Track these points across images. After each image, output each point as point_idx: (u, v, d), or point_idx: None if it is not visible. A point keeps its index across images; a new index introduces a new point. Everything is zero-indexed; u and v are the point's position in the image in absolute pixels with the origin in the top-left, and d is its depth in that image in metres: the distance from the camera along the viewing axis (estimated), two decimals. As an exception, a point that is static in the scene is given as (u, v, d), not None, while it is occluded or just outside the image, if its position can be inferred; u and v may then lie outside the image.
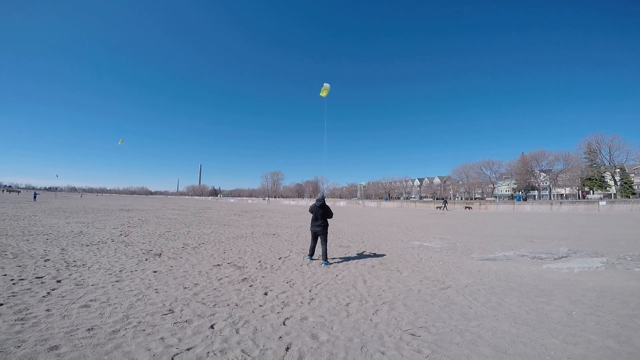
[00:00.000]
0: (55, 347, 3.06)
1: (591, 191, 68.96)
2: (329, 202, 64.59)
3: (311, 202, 12.16)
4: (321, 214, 7.70)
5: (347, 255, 8.68)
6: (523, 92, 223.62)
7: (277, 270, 6.89)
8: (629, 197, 55.88)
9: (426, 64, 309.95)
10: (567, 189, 75.06)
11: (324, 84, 12.87)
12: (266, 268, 7.02)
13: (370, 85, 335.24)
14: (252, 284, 5.74)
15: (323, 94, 13.18)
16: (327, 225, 7.84)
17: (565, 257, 8.40)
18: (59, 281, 5.39)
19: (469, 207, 47.90)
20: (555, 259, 8.06)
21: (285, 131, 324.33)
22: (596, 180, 65.43)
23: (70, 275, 5.81)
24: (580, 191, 71.53)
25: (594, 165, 65.86)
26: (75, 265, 6.55)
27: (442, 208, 46.02)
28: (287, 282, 5.90)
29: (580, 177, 66.47)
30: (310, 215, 7.84)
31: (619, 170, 63.50)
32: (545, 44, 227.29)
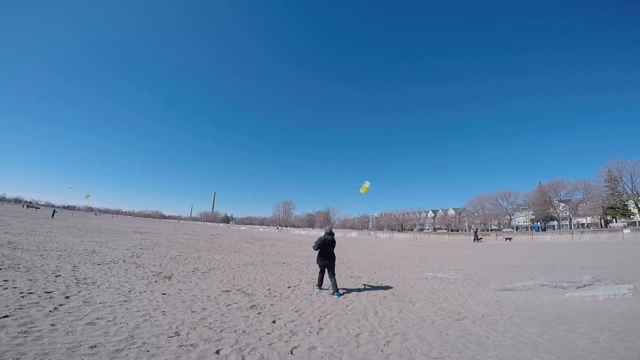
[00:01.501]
0: (56, 363, 2.99)
1: (614, 220, 65.96)
2: (340, 233, 64.25)
3: (322, 232, 11.97)
4: (332, 247, 7.60)
5: (358, 286, 8.42)
6: (538, 120, 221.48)
7: (286, 298, 6.72)
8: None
9: (439, 90, 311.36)
10: (588, 218, 72.12)
11: (365, 183, 11.99)
12: (275, 296, 6.86)
13: (384, 112, 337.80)
14: (261, 311, 5.59)
15: (363, 191, 12.08)
16: (335, 257, 7.77)
17: (588, 285, 7.97)
18: (67, 297, 5.37)
19: (509, 239, 42.46)
20: (578, 287, 7.65)
21: (298, 158, 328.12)
22: (619, 209, 62.67)
23: (79, 292, 5.80)
24: (602, 220, 68.48)
25: (616, 194, 63.28)
26: (85, 283, 6.54)
27: (476, 240, 42.39)
28: (296, 311, 5.73)
29: (602, 206, 63.84)
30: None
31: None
32: (560, 68, 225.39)
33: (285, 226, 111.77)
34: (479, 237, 43.92)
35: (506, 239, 41.53)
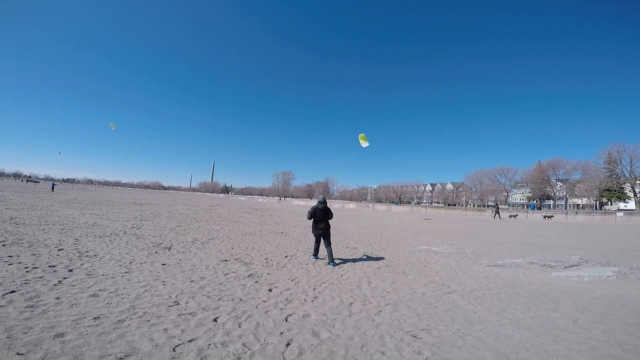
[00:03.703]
0: (61, 335, 3.15)
1: (609, 202, 66.80)
2: (339, 204, 64.74)
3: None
4: (324, 216, 7.70)
5: (354, 257, 8.66)
6: (542, 100, 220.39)
7: (282, 267, 6.93)
8: (649, 209, 53.93)
9: (444, 68, 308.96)
10: (584, 199, 72.88)
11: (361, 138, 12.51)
12: (272, 265, 7.07)
13: (385, 87, 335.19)
14: (258, 280, 5.80)
15: (363, 142, 12.66)
16: (330, 227, 7.86)
17: (576, 265, 8.20)
18: (70, 270, 5.54)
19: (550, 217, 37.87)
20: (565, 267, 7.88)
21: (298, 130, 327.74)
22: (615, 191, 63.32)
23: (82, 265, 5.97)
24: (597, 202, 69.35)
25: (614, 176, 63.74)
26: (87, 256, 6.72)
27: (496, 214, 39.42)
28: (292, 280, 5.94)
29: (599, 188, 64.45)
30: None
31: (639, 182, 61.37)
32: (567, 52, 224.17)
33: (285, 197, 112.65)
34: (511, 214, 41.66)
35: (545, 216, 38.67)
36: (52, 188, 49.93)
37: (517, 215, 41.51)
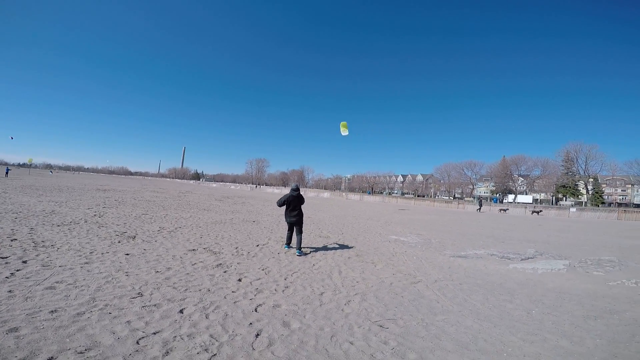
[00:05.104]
0: (15, 329, 2.96)
1: (564, 198, 71.63)
2: (313, 193, 64.88)
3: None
4: (297, 204, 7.69)
5: (326, 246, 8.75)
6: (509, 96, 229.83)
7: (253, 257, 6.88)
8: (598, 206, 58.44)
9: (416, 62, 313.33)
10: (542, 194, 77.74)
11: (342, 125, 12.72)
12: (242, 255, 6.99)
13: (360, 79, 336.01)
14: (227, 269, 5.71)
15: (344, 131, 12.81)
16: (302, 214, 7.85)
17: (531, 258, 8.74)
18: (24, 262, 5.18)
19: (538, 212, 38.11)
20: (522, 260, 8.38)
21: (273, 118, 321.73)
22: (570, 188, 67.97)
23: (37, 255, 5.59)
24: (554, 197, 74.12)
25: (570, 173, 68.33)
26: (43, 246, 6.31)
27: (479, 209, 40.41)
28: (262, 270, 5.90)
29: (556, 184, 68.89)
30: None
31: (592, 179, 66.25)
32: (535, 50, 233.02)
33: (259, 184, 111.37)
34: (501, 208, 42.46)
35: (533, 212, 38.64)
36: (6, 173, 46.16)
37: (507, 209, 42.00)
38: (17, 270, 4.71)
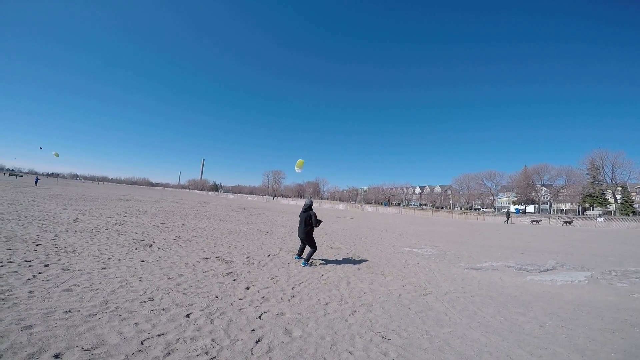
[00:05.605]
0: (30, 327, 3.15)
1: (591, 208, 68.54)
2: (328, 205, 64.73)
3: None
4: (304, 220, 7.55)
5: (336, 257, 8.74)
6: (529, 105, 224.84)
7: (263, 266, 6.97)
8: (628, 216, 55.58)
9: (433, 70, 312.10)
10: (567, 204, 74.64)
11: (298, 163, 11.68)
12: (253, 264, 7.10)
13: (376, 88, 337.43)
14: (236, 278, 5.82)
15: (298, 169, 11.82)
16: (311, 232, 7.65)
17: (551, 269, 8.44)
18: (46, 265, 5.47)
19: (569, 222, 36.93)
20: (540, 271, 8.10)
21: (290, 130, 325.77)
22: (597, 197, 65.00)
23: (59, 260, 5.90)
24: (580, 207, 71.08)
25: (596, 182, 65.41)
26: (65, 251, 6.64)
27: (507, 221, 39.12)
28: (271, 279, 5.98)
29: (581, 194, 66.04)
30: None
31: (620, 188, 63.12)
32: (554, 56, 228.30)
33: (276, 196, 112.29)
34: (533, 219, 40.39)
35: (564, 222, 37.58)
36: (36, 182, 48.75)
37: (540, 220, 40.39)
38: (39, 273, 4.98)
